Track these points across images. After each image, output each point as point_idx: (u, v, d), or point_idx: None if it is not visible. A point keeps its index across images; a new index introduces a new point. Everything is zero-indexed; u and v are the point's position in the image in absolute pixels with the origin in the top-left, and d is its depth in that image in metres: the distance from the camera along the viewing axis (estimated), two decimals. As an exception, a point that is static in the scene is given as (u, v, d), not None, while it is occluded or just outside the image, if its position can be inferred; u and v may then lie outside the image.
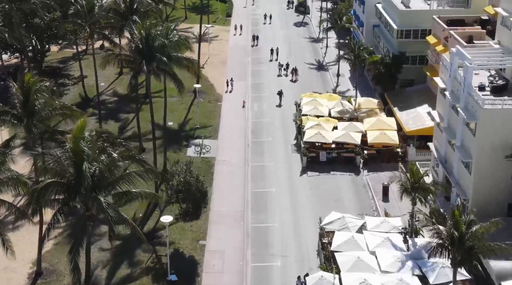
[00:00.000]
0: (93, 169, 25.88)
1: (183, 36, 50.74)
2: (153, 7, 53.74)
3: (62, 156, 26.76)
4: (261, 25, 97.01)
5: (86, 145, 26.53)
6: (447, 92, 45.32)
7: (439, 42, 56.64)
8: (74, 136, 26.42)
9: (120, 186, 27.17)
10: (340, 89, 70.05)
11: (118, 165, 27.05)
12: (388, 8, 67.20)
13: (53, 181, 26.36)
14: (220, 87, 70.84)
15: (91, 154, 26.23)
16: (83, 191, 25.76)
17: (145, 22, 43.96)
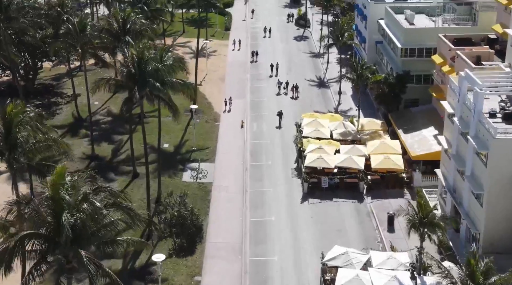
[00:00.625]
0: (74, 219, 23.61)
1: (179, 56, 48.44)
2: (147, 26, 51.51)
3: (40, 204, 24.52)
4: (261, 39, 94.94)
5: (67, 192, 24.27)
6: (456, 118, 43.03)
7: (445, 62, 54.44)
8: (54, 183, 24.16)
9: (104, 234, 24.89)
10: (342, 108, 67.79)
11: (102, 213, 24.76)
12: (391, 25, 65.05)
13: (30, 232, 24.10)
14: (218, 105, 68.58)
15: (72, 202, 23.96)
16: (63, 243, 23.49)
17: (138, 44, 41.67)
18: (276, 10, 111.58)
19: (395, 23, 63.20)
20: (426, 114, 57.26)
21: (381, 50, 68.15)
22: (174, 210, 37.85)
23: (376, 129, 57.63)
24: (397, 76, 59.80)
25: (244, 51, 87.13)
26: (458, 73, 50.87)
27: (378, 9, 69.99)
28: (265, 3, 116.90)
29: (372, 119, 59.62)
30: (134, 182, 51.49)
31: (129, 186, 50.95)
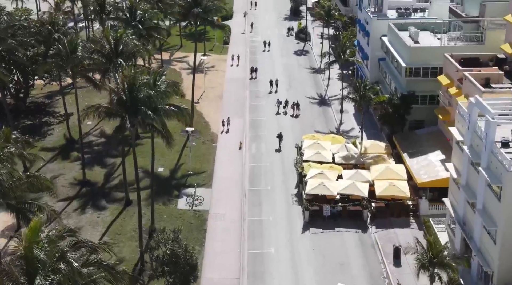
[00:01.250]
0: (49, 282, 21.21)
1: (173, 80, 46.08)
2: (140, 48, 49.17)
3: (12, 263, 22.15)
4: (260, 53, 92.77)
5: (43, 249, 21.88)
6: (465, 147, 40.66)
7: (452, 84, 52.15)
8: (27, 240, 21.76)
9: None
10: (344, 128, 65.45)
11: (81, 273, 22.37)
12: (395, 43, 62.81)
13: (0, 294, 21.81)
14: (215, 125, 66.23)
15: (47, 261, 21.58)
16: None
17: (130, 69, 39.38)
18: (276, 23, 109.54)
19: (399, 41, 60.97)
20: (432, 137, 54.93)
21: (384, 68, 65.91)
22: (167, 247, 35.49)
23: (380, 153, 55.27)
24: (401, 96, 57.49)
25: (243, 67, 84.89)
26: (466, 95, 48.73)
27: (381, 26, 67.85)
28: (264, 15, 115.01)
29: (376, 141, 57.24)
30: (127, 210, 49.06)
31: (121, 215, 48.56)
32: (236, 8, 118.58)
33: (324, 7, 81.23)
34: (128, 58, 46.93)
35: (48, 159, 56.83)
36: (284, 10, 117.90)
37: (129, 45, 47.38)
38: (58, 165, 55.94)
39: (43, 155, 57.85)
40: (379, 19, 68.20)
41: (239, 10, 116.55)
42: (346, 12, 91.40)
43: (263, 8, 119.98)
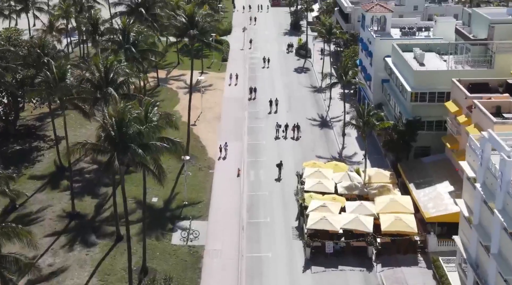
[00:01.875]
0: None
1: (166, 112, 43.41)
2: (132, 75, 46.60)
3: None
4: (259, 69, 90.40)
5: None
6: (478, 185, 38.04)
7: (460, 111, 49.61)
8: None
9: None
10: (346, 152, 62.82)
11: None
12: (399, 65, 60.32)
13: None
14: (212, 149, 63.62)
15: None
16: None
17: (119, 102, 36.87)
18: (276, 38, 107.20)
19: (404, 64, 58.48)
20: (440, 166, 52.32)
21: (388, 90, 63.41)
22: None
23: (385, 182, 52.62)
24: (406, 122, 54.96)
25: (241, 87, 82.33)
26: (476, 125, 46.24)
27: (384, 46, 65.43)
28: (264, 30, 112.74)
29: (380, 170, 54.60)
30: (117, 246, 46.29)
31: (111, 251, 45.80)
32: (235, 23, 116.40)
33: (325, 25, 78.81)
34: (119, 87, 44.36)
35: (36, 188, 54.22)
36: (284, 24, 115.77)
37: (120, 73, 44.87)
38: (47, 195, 53.26)
39: (32, 184, 55.48)
40: (383, 39, 65.81)
41: (238, 25, 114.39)
42: (348, 28, 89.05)
43: (263, 22, 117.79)
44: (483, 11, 58.15)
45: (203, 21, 57.69)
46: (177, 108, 74.67)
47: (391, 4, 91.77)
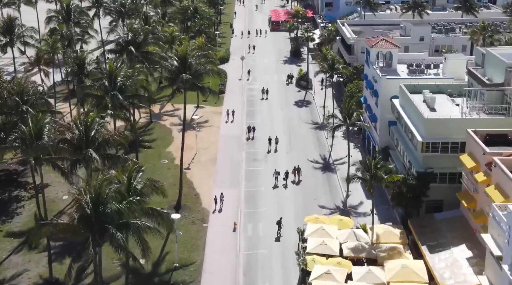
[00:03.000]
0: None
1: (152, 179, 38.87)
2: (115, 135, 42.09)
3: None
4: (258, 103, 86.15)
5: None
6: (505, 267, 33.53)
7: (478, 167, 45.13)
8: None
9: None
10: (351, 201, 58.26)
11: None
12: (408, 109, 55.95)
13: None
14: (207, 198, 58.99)
15: None
16: None
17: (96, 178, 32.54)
18: (275, 67, 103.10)
19: (413, 109, 54.06)
20: (455, 225, 47.68)
21: (396, 135, 58.97)
22: None
23: (395, 242, 47.93)
24: (417, 175, 50.50)
25: (239, 123, 77.83)
26: (496, 186, 41.78)
27: (391, 86, 61.10)
28: (263, 57, 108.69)
29: (389, 227, 49.92)
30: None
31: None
32: (234, 49, 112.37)
33: (327, 59, 74.62)
34: (100, 146, 39.96)
35: (13, 249, 49.62)
36: (284, 50, 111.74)
37: (102, 132, 40.47)
38: (23, 257, 48.58)
39: (8, 243, 50.90)
40: (389, 79, 61.50)
41: (236, 52, 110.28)
42: (351, 60, 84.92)
43: (262, 49, 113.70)
44: (498, 52, 53.87)
45: (197, 63, 53.37)
46: (170, 148, 70.33)
47: (395, 34, 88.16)
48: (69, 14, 78.29)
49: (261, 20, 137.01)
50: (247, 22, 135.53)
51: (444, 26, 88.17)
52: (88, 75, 58.63)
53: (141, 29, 62.83)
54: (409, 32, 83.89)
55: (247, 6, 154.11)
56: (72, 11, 78.64)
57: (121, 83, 50.98)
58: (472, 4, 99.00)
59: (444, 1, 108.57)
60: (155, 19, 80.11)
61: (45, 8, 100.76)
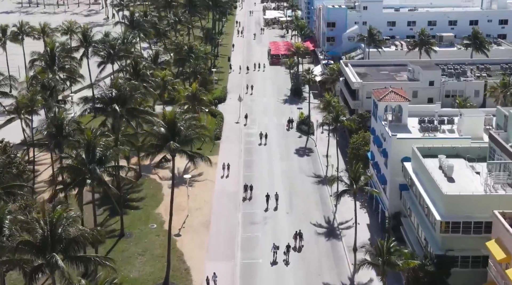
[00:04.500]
0: None
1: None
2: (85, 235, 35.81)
3: None
4: (256, 150, 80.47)
5: None
6: None
7: (509, 258, 39.16)
8: None
9: None
10: (360, 279, 51.91)
11: None
12: (423, 177, 50.08)
13: None
14: (198, 275, 52.53)
15: None
16: None
17: None
18: (275, 107, 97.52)
19: (429, 179, 48.17)
20: (480, 320, 41.79)
21: (409, 203, 53.00)
22: None
23: None
24: (436, 260, 44.50)
25: (235, 178, 71.65)
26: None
27: (402, 146, 55.42)
28: (262, 96, 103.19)
29: (405, 320, 44.02)
30: None
31: None
32: (231, 87, 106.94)
33: (331, 111, 69.00)
34: (69, 247, 34.02)
35: None
36: (284, 88, 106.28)
37: (71, 232, 34.55)
38: None
39: None
40: (400, 139, 55.71)
41: (233, 89, 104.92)
42: (355, 106, 79.25)
43: (261, 86, 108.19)
44: (525, 115, 48.38)
45: (186, 129, 47.64)
46: (160, 209, 64.37)
47: (403, 76, 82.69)
48: (53, 58, 72.93)
49: (260, 53, 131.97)
50: (246, 55, 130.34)
51: (455, 68, 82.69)
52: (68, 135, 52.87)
53: (127, 84, 57.26)
54: (418, 75, 78.39)
55: (246, 37, 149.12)
56: (56, 55, 73.32)
57: (100, 154, 45.21)
58: (482, 42, 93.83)
59: (452, 37, 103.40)
60: (145, 64, 74.63)
61: (32, 44, 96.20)
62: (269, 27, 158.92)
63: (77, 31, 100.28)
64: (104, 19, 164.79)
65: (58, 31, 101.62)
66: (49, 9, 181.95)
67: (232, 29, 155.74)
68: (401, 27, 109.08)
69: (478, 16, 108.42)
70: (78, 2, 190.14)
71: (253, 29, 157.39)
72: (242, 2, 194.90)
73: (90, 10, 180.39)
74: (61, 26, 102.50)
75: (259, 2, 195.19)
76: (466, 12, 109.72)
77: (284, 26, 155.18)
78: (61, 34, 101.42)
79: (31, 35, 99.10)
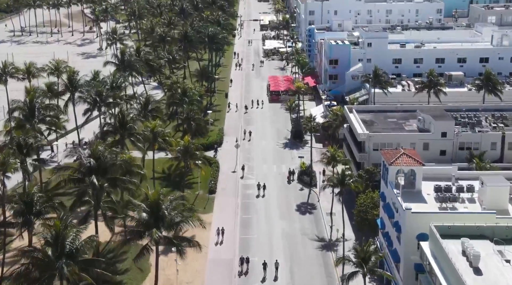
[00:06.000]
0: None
1: None
2: None
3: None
4: (254, 207, 73.96)
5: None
6: None
7: None
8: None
9: None
10: None
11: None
12: (443, 264, 43.56)
13: None
14: None
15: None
16: None
17: None
18: (274, 152, 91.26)
19: (451, 268, 41.79)
20: None
21: (426, 289, 46.71)
22: None
23: None
24: None
25: (230, 242, 65.03)
26: None
27: (418, 222, 49.14)
28: (261, 139, 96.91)
29: None
30: None
31: None
32: (228, 129, 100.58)
33: (336, 171, 62.86)
34: None
35: None
36: (284, 130, 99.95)
37: None
38: None
39: None
40: (415, 213, 49.46)
41: (230, 132, 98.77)
42: (361, 159, 72.93)
43: (260, 129, 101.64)
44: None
45: (172, 211, 41.39)
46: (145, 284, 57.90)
47: (412, 125, 76.66)
48: (32, 110, 67.02)
49: (259, 87, 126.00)
50: (244, 90, 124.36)
51: (468, 116, 76.67)
52: (39, 215, 46.65)
53: (109, 152, 51.01)
54: (429, 126, 72.33)
55: (245, 69, 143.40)
56: (36, 107, 67.41)
57: (71, 247, 38.94)
58: (496, 84, 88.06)
59: (462, 76, 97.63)
60: (133, 116, 68.60)
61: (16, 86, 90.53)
62: (268, 58, 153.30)
63: (64, 71, 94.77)
64: (98, 49, 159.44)
65: (45, 71, 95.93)
66: (41, 38, 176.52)
67: (230, 60, 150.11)
68: (408, 65, 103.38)
69: (488, 53, 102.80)
70: (72, 30, 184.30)
71: (252, 60, 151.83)
72: (241, 30, 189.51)
73: (84, 39, 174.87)
74: (47, 65, 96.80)
75: (259, 30, 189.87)
76: (476, 49, 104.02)
77: (284, 57, 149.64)
78: (47, 75, 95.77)
79: (15, 76, 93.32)
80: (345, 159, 71.81)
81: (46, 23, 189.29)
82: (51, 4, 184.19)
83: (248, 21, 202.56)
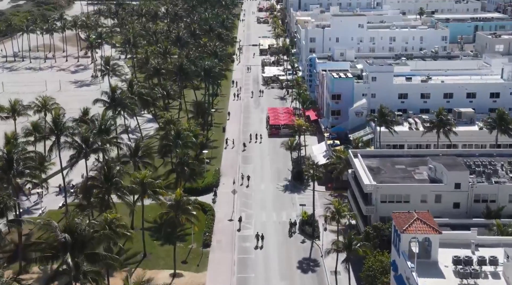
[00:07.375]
0: None
1: None
2: None
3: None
4: (252, 258, 68.45)
5: None
6: None
7: None
8: None
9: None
10: None
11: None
12: None
13: None
14: None
15: None
16: None
17: None
18: (274, 197, 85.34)
19: None
20: None
21: None
22: None
23: None
24: None
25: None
26: None
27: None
28: (259, 182, 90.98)
29: None
30: None
31: None
32: (225, 168, 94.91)
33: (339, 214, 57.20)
34: None
35: None
36: (284, 170, 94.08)
37: None
38: None
39: None
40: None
41: (227, 172, 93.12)
42: (368, 212, 67.28)
43: (259, 168, 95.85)
44: None
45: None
46: None
47: (422, 174, 70.65)
48: (10, 163, 61.60)
49: (258, 120, 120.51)
50: (242, 123, 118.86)
51: (482, 163, 71.10)
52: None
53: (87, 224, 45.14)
54: (441, 176, 66.74)
55: (243, 99, 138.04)
56: (14, 158, 61.95)
57: None
58: (509, 123, 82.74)
59: (472, 113, 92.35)
60: (120, 170, 63.06)
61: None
62: (268, 86, 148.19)
63: (52, 107, 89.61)
64: (92, 77, 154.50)
65: (31, 108, 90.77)
66: (34, 64, 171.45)
67: (228, 89, 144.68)
68: (414, 100, 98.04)
69: (499, 88, 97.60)
70: (67, 55, 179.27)
71: (251, 87, 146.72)
72: (240, 55, 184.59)
73: (78, 66, 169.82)
74: (34, 102, 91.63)
75: (258, 54, 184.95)
76: (486, 84, 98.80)
77: (284, 86, 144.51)
78: (34, 113, 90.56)
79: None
80: (350, 213, 66.18)
81: (40, 47, 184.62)
82: (44, 29, 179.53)
83: (247, 46, 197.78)
